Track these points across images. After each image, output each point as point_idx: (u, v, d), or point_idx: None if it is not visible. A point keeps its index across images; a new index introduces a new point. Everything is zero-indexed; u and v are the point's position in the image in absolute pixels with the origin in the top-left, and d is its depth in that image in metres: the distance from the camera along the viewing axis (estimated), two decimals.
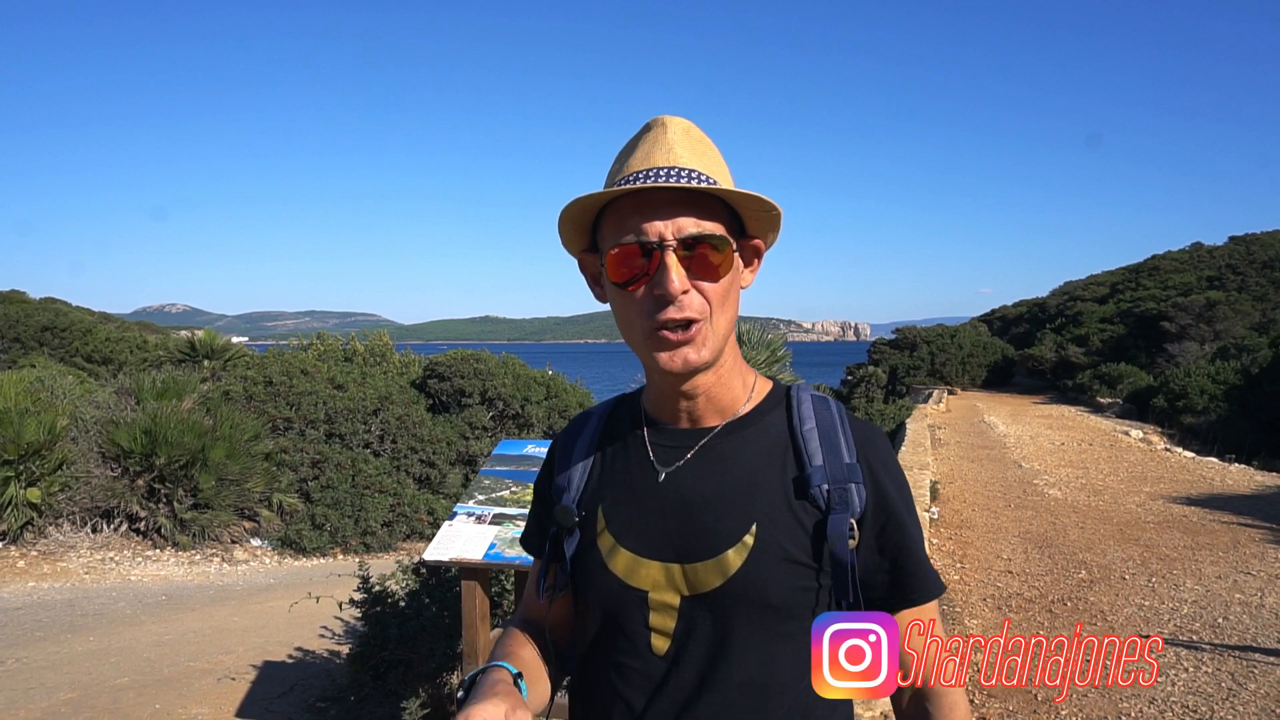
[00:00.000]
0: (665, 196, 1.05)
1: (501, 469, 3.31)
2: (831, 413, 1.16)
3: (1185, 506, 9.28)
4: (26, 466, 8.24)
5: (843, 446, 1.12)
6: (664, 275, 1.03)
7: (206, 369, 11.97)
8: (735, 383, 1.17)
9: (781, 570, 1.06)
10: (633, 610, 1.11)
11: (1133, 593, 6.00)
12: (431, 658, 3.90)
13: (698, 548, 1.08)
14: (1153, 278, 36.39)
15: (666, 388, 1.15)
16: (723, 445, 1.14)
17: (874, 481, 1.11)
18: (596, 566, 1.14)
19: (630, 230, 1.05)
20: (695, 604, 1.08)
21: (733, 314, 1.12)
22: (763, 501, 1.09)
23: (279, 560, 9.39)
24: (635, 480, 1.16)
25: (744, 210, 1.12)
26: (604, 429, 1.25)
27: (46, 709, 4.45)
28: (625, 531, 1.13)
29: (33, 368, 12.66)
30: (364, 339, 16.21)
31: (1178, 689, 4.25)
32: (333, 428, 11.20)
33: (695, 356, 1.06)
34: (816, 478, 1.09)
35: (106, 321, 31.42)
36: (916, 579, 1.12)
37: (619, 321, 1.12)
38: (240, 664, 5.33)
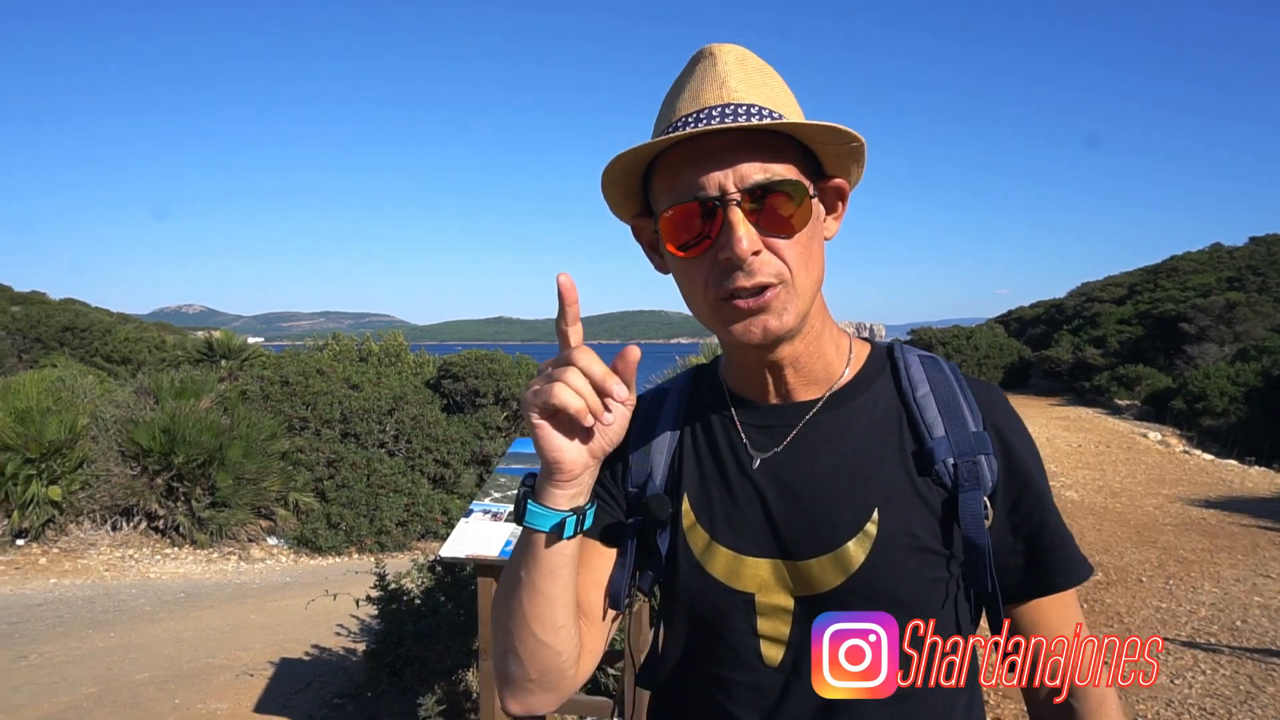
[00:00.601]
0: (722, 141, 0.89)
1: (517, 467, 3.33)
2: (945, 374, 1.02)
3: (1204, 509, 9.20)
4: (48, 465, 8.35)
5: (966, 413, 0.97)
6: (729, 236, 0.87)
7: (224, 369, 12.08)
8: (828, 349, 1.01)
9: (912, 560, 0.93)
10: (737, 616, 0.97)
11: (1150, 595, 5.96)
12: (447, 655, 3.93)
13: (810, 541, 0.95)
14: (1171, 279, 36.07)
15: (748, 361, 1.00)
16: (827, 422, 0.99)
17: (1005, 450, 0.97)
18: (690, 567, 0.99)
19: (685, 185, 0.90)
20: (812, 606, 0.95)
21: (819, 273, 0.95)
22: (881, 483, 0.95)
23: (295, 559, 9.46)
24: (726, 466, 1.01)
25: (819, 147, 0.95)
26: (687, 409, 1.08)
27: (69, 703, 4.51)
28: (719, 526, 0.99)
29: (54, 367, 12.83)
30: (379, 339, 16.31)
31: (1195, 691, 4.22)
32: (348, 427, 11.28)
33: (776, 324, 0.91)
34: (940, 451, 0.95)
35: (125, 322, 31.78)
36: (1060, 560, 0.98)
37: (683, 293, 0.97)
38: (258, 660, 5.38)
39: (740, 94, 0.90)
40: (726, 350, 1.05)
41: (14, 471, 8.06)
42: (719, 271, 0.90)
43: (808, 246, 0.92)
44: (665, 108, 0.96)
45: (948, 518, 0.94)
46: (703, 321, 0.96)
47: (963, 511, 0.93)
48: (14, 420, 8.30)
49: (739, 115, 0.88)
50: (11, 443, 8.13)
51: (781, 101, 0.93)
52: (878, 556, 0.93)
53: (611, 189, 0.98)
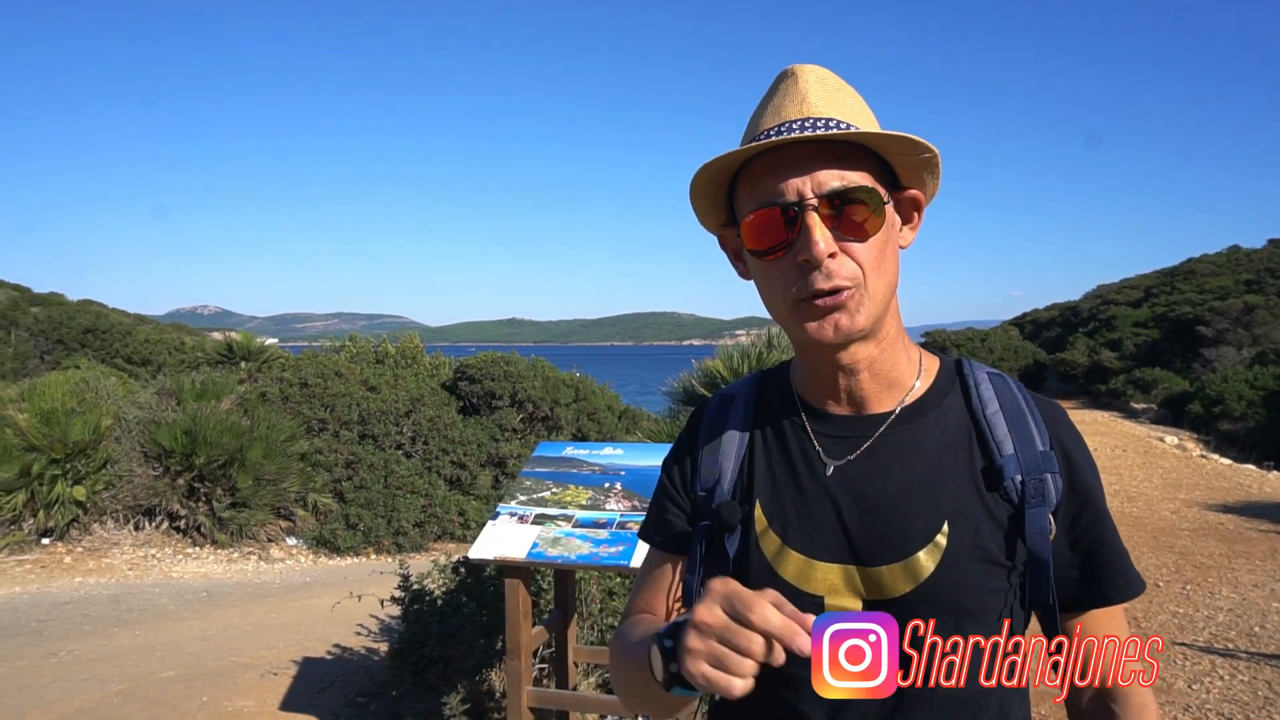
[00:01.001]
0: (800, 151, 0.95)
1: (542, 470, 3.39)
2: (1014, 392, 1.05)
3: (1221, 514, 9.16)
4: (73, 465, 8.48)
5: (1034, 432, 1.01)
6: (807, 239, 0.92)
7: (244, 370, 12.21)
8: (900, 358, 1.05)
9: (978, 571, 0.97)
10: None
11: (1167, 600, 5.96)
12: (471, 655, 3.99)
13: (881, 549, 0.98)
14: (1189, 281, 35.84)
15: (822, 365, 1.03)
16: (900, 435, 1.03)
17: (1069, 468, 1.01)
18: (762, 570, 1.02)
19: (765, 192, 0.95)
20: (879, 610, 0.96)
21: (892, 278, 0.98)
22: (952, 497, 0.99)
23: (314, 559, 9.56)
24: (799, 472, 1.04)
25: (893, 158, 1.00)
26: (755, 415, 1.11)
27: (100, 699, 4.60)
28: (791, 530, 1.02)
29: (77, 369, 13.00)
30: (395, 341, 16.42)
31: (1213, 696, 4.23)
32: (366, 429, 11.38)
33: (848, 323, 0.95)
34: (1009, 469, 0.99)
35: (142, 323, 32.11)
36: (1115, 575, 1.01)
37: (762, 295, 1.03)
38: (281, 660, 5.46)
39: (819, 109, 0.96)
40: (801, 355, 1.08)
41: (40, 471, 8.20)
42: (797, 273, 0.95)
43: (881, 252, 0.96)
44: (750, 123, 1.02)
45: (1013, 532, 0.98)
46: (780, 321, 1.01)
47: (1029, 526, 0.97)
48: (40, 421, 8.44)
49: (817, 127, 0.94)
50: (37, 443, 8.27)
51: (859, 117, 0.98)
52: (947, 567, 0.97)
53: (700, 198, 1.04)
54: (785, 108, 0.97)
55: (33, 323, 19.48)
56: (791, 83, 0.99)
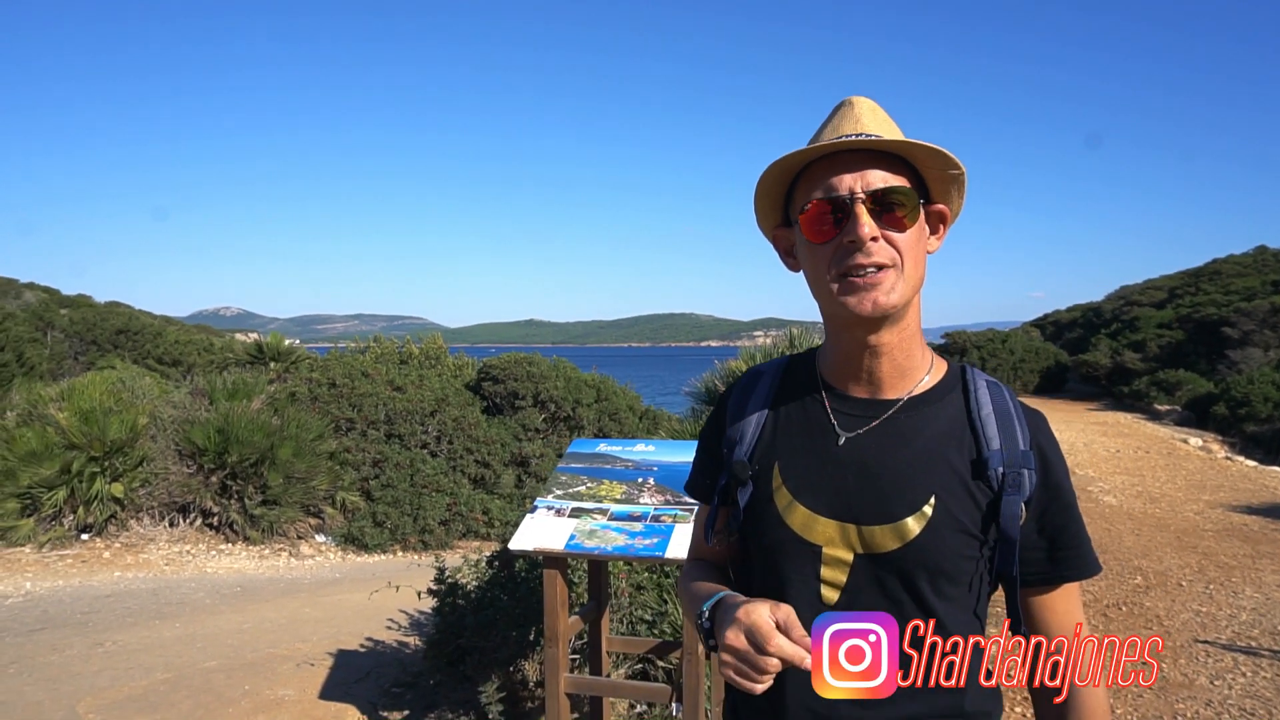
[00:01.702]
0: (854, 156, 1.14)
1: (576, 466, 3.50)
2: (1006, 399, 1.23)
3: (1246, 515, 9.14)
4: (111, 463, 8.70)
5: (1018, 433, 1.19)
6: (854, 223, 1.10)
7: (273, 370, 12.43)
8: (916, 351, 1.22)
9: (954, 540, 1.14)
10: (805, 563, 1.18)
11: (1190, 599, 5.99)
12: (505, 645, 4.11)
13: (877, 512, 1.16)
14: (1214, 282, 35.41)
15: (852, 344, 1.20)
16: (905, 419, 1.20)
17: (1044, 467, 1.18)
18: (772, 520, 1.21)
19: (823, 187, 1.14)
20: (868, 562, 1.16)
21: (921, 271, 1.17)
22: (941, 477, 1.16)
23: (342, 556, 9.74)
24: (815, 441, 1.22)
25: (927, 172, 1.19)
26: (778, 387, 1.30)
27: (147, 686, 4.77)
28: (803, 489, 1.20)
29: (113, 369, 13.29)
30: (419, 342, 16.63)
31: (1235, 692, 4.28)
32: (392, 428, 11.56)
33: (885, 299, 1.11)
34: (994, 461, 1.16)
35: (168, 324, 32.58)
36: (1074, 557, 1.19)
37: (811, 280, 1.19)
38: (317, 651, 5.62)
39: (870, 128, 1.16)
40: (833, 336, 1.25)
41: (79, 469, 8.43)
42: (842, 252, 1.13)
43: (915, 245, 1.15)
44: (813, 138, 1.22)
45: (990, 514, 1.16)
46: (822, 300, 1.18)
47: (1004, 511, 1.15)
48: (79, 420, 8.67)
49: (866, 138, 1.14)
50: (77, 441, 8.50)
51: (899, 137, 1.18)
52: (929, 533, 1.14)
53: (763, 198, 1.23)
54: (843, 126, 1.17)
55: (66, 324, 19.90)
56: (849, 108, 1.20)
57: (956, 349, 34.90)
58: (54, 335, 18.24)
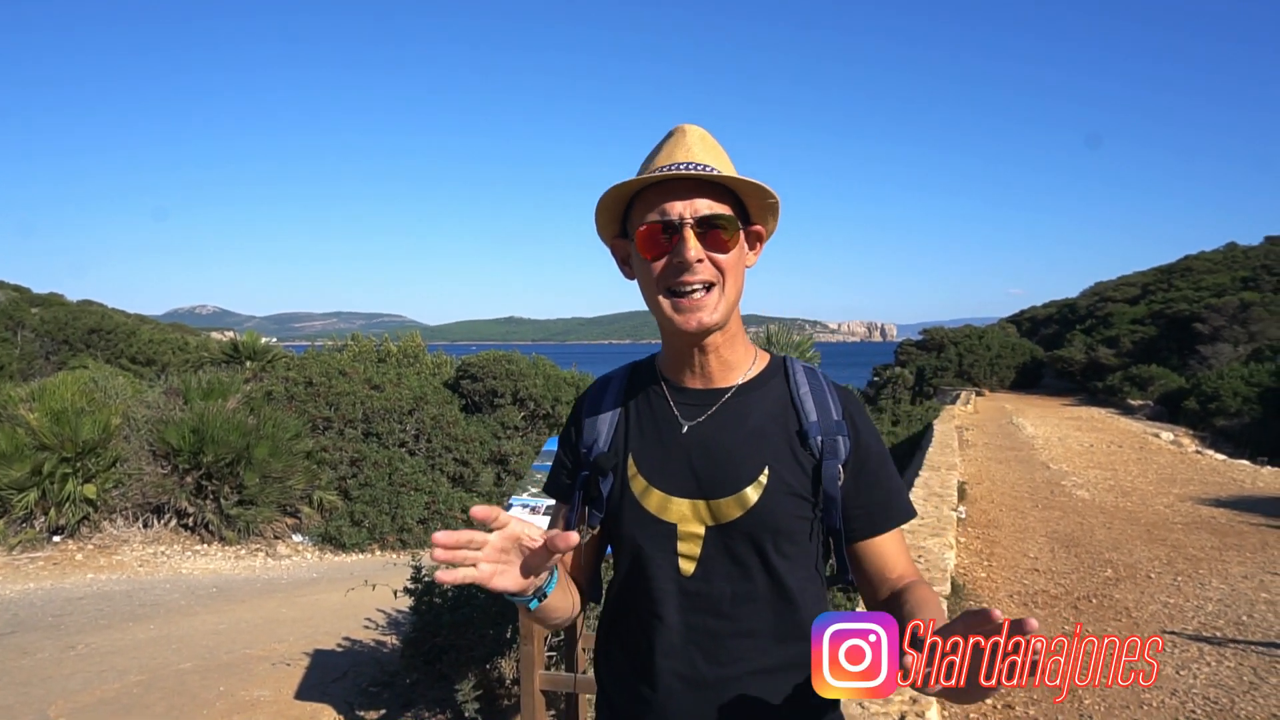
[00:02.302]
0: (684, 185, 1.28)
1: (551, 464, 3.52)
2: (819, 379, 1.42)
3: (1214, 508, 9.30)
4: (83, 463, 8.59)
5: (831, 406, 1.37)
6: (683, 246, 1.26)
7: (249, 370, 12.33)
8: (740, 347, 1.40)
9: (788, 503, 1.31)
10: (663, 541, 1.32)
11: (1158, 591, 6.09)
12: (481, 643, 4.12)
13: (721, 486, 1.31)
14: (1185, 278, 35.97)
15: (684, 346, 1.36)
16: (737, 403, 1.37)
17: (855, 432, 1.37)
18: (631, 505, 1.35)
19: (656, 211, 1.28)
20: (718, 532, 1.31)
21: (740, 286, 1.34)
22: (772, 449, 1.33)
23: (320, 555, 9.69)
24: (662, 431, 1.37)
25: (748, 200, 1.34)
26: (626, 390, 1.45)
27: (120, 689, 4.74)
28: (656, 475, 1.35)
29: (85, 369, 13.11)
30: (397, 340, 16.54)
31: (1200, 681, 4.37)
32: (370, 427, 11.50)
33: (708, 318, 1.28)
34: (814, 431, 1.34)
35: (142, 323, 32.17)
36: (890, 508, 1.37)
37: (644, 291, 1.34)
38: (292, 652, 5.59)
39: (699, 157, 1.30)
40: (667, 340, 1.40)
41: (51, 470, 8.32)
42: (672, 272, 1.28)
43: (735, 265, 1.32)
44: (647, 161, 1.35)
45: (815, 477, 1.33)
46: (655, 313, 1.33)
47: (825, 474, 1.33)
48: (50, 420, 8.56)
49: (698, 168, 1.28)
50: (48, 442, 8.39)
51: (726, 168, 1.32)
52: (766, 498, 1.30)
53: (603, 212, 1.36)
54: (676, 153, 1.31)
55: (37, 323, 19.60)
56: (681, 136, 1.34)
57: (935, 345, 35.22)
58: (24, 335, 17.97)
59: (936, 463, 10.85)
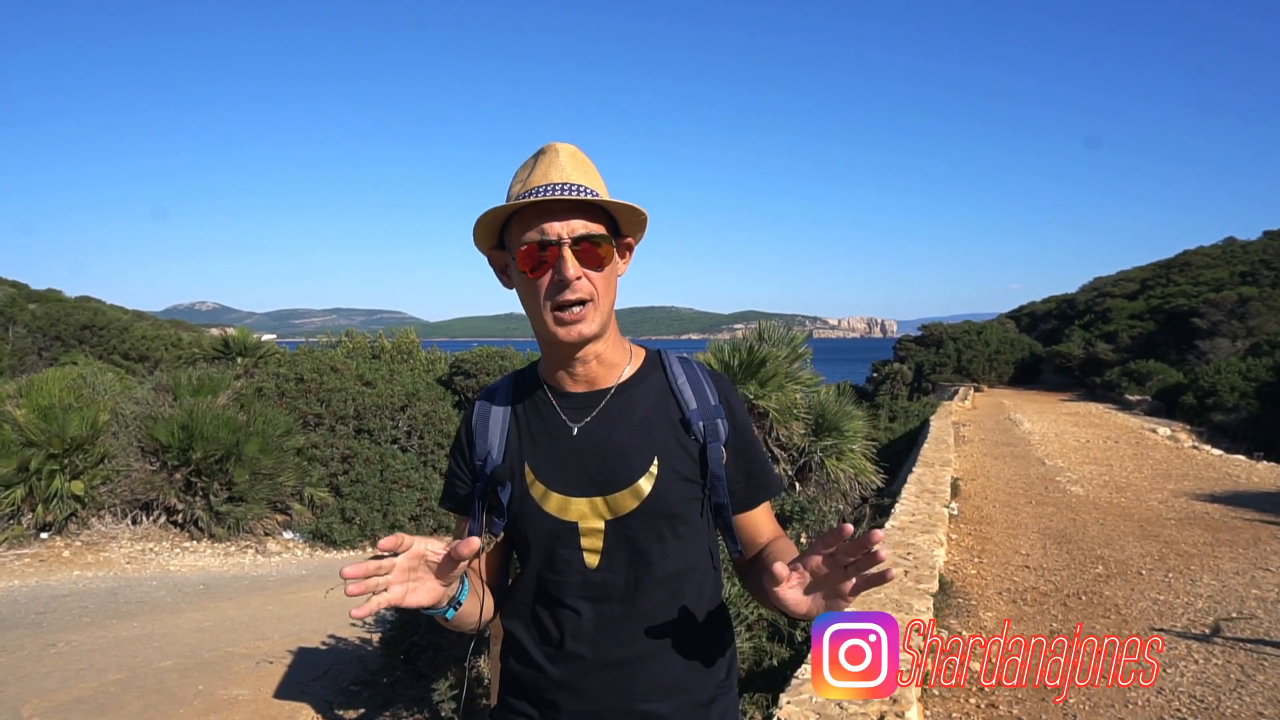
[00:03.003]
0: (561, 205, 1.34)
1: None
2: (695, 369, 1.51)
3: (1208, 503, 9.25)
4: (70, 460, 8.56)
5: (708, 392, 1.47)
6: (562, 265, 1.33)
7: (240, 366, 12.29)
8: (619, 350, 1.48)
9: (679, 488, 1.40)
10: (567, 539, 1.39)
11: (1148, 587, 6.04)
12: (460, 642, 4.08)
13: (615, 481, 1.39)
14: (1184, 273, 35.89)
15: (565, 356, 1.43)
16: (620, 401, 1.44)
17: (731, 414, 1.47)
18: (533, 511, 1.41)
19: (535, 230, 1.34)
20: (617, 524, 1.38)
21: (613, 296, 1.43)
22: (658, 439, 1.41)
23: (310, 552, 9.65)
24: (553, 436, 1.43)
25: (620, 216, 1.43)
26: (512, 399, 1.51)
27: (97, 688, 4.69)
28: (553, 478, 1.41)
29: (74, 365, 13.06)
30: (391, 337, 16.50)
31: (1186, 679, 4.32)
32: (361, 423, 11.46)
33: (587, 330, 1.36)
34: (694, 418, 1.44)
35: (140, 319, 32.11)
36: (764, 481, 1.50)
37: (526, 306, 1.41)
38: (276, 649, 5.55)
39: (573, 177, 1.36)
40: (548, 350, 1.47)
41: (38, 467, 8.28)
42: (553, 288, 1.35)
43: (609, 279, 1.40)
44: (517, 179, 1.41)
45: (701, 460, 1.43)
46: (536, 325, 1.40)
47: (710, 455, 1.43)
48: (37, 417, 8.52)
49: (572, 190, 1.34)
50: (35, 439, 8.35)
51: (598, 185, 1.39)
52: (659, 487, 1.39)
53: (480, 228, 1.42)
54: (550, 173, 1.36)
55: (30, 319, 19.54)
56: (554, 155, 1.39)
57: (933, 341, 35.16)
58: (16, 331, 17.93)
59: (930, 459, 10.80)
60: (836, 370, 51.78)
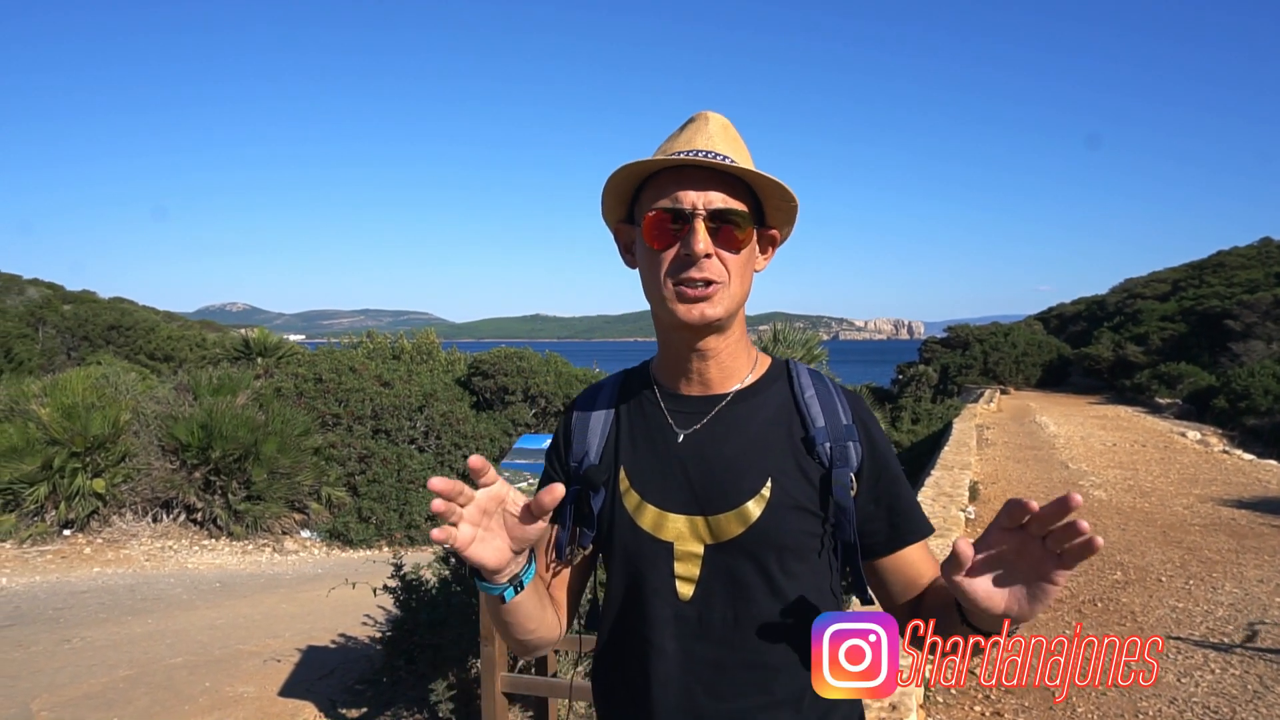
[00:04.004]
0: (700, 173, 1.19)
1: (521, 462, 3.46)
2: (826, 383, 1.31)
3: (1235, 509, 9.04)
4: (93, 458, 8.70)
5: (840, 410, 1.26)
6: (692, 238, 1.16)
7: (260, 366, 12.43)
8: (742, 353, 1.29)
9: (793, 518, 1.19)
10: (660, 561, 1.22)
11: (1167, 595, 5.91)
12: (459, 642, 4.08)
13: (720, 501, 1.20)
14: (1217, 274, 35.17)
15: (682, 347, 1.25)
16: (736, 410, 1.26)
17: (868, 439, 1.26)
18: (624, 523, 1.25)
19: (667, 198, 1.18)
20: (718, 551, 1.20)
21: (747, 286, 1.24)
22: (774, 459, 1.22)
23: (327, 551, 9.73)
24: (656, 442, 1.26)
25: (766, 200, 1.24)
26: (617, 398, 1.34)
27: (106, 684, 4.75)
28: (649, 489, 1.24)
29: (99, 365, 13.28)
30: (411, 337, 16.61)
31: (1201, 690, 4.21)
32: (379, 424, 11.53)
33: (711, 311, 1.18)
34: (820, 437, 1.23)
35: (170, 320, 32.64)
36: (909, 522, 1.27)
37: (645, 281, 1.24)
38: (286, 648, 5.59)
39: (720, 147, 1.21)
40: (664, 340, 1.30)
41: (61, 464, 8.42)
42: (678, 263, 1.18)
43: (744, 265, 1.22)
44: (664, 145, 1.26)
45: (824, 488, 1.22)
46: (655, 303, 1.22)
47: (835, 482, 1.21)
48: (61, 415, 8.67)
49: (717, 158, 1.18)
50: (59, 437, 8.50)
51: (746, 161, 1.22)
52: (769, 514, 1.19)
53: (610, 192, 1.26)
54: (696, 139, 1.21)
55: (60, 320, 19.93)
56: (703, 122, 1.24)
57: (959, 343, 34.76)
58: (46, 331, 18.27)
59: (950, 462, 10.67)
60: (861, 372, 51.34)
